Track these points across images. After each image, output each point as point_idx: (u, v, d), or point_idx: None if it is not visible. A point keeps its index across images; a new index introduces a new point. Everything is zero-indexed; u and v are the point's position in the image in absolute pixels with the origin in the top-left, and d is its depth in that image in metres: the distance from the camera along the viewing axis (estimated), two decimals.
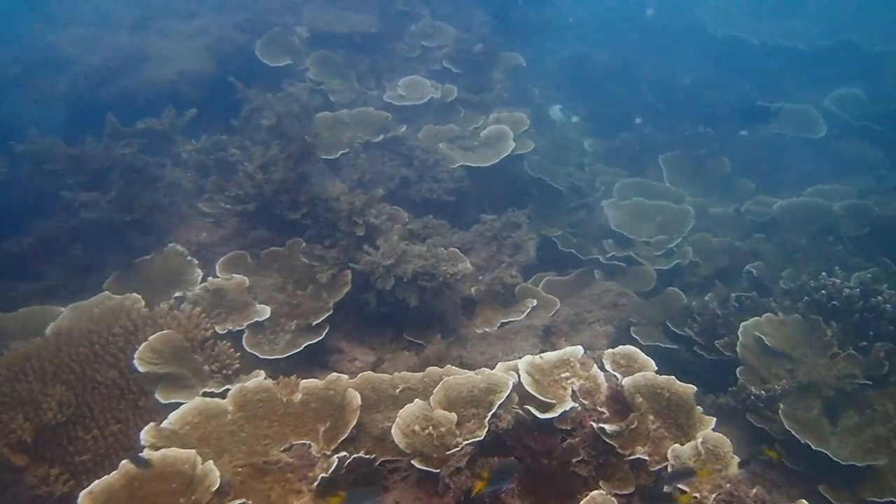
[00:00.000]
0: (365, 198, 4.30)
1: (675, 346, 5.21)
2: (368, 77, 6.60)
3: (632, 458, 2.91)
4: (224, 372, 3.87)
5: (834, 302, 4.68)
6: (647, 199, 7.17)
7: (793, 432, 4.06)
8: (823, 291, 4.74)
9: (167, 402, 3.56)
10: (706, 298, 5.34)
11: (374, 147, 5.74)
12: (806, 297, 4.80)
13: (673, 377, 3.04)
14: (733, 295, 5.26)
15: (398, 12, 6.86)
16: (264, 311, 4.19)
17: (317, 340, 4.04)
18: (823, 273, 4.96)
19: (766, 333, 4.74)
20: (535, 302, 4.42)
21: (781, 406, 4.22)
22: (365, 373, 3.37)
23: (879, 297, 4.61)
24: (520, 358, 3.20)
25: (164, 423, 2.93)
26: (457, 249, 4.76)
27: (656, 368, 3.13)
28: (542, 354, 3.23)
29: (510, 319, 4.32)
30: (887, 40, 10.56)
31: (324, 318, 4.12)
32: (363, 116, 5.96)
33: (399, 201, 5.52)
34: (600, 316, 4.33)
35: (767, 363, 4.60)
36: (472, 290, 4.45)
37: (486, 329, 4.27)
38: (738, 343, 4.70)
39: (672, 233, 6.63)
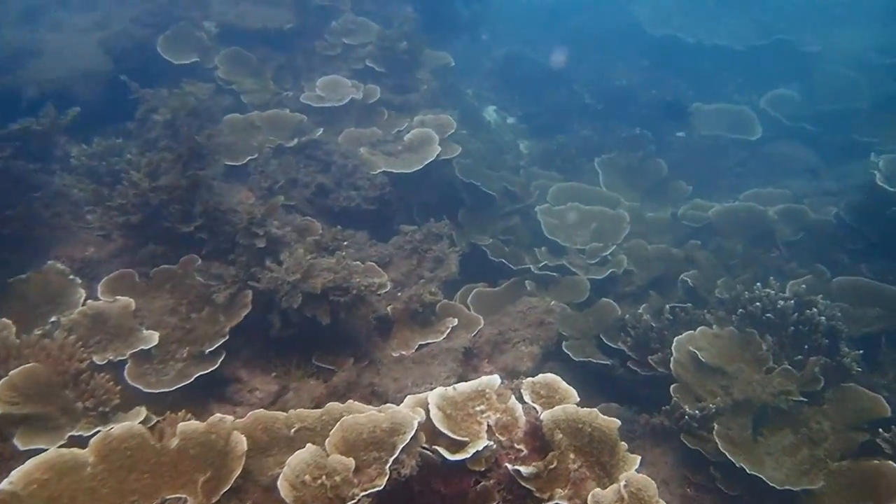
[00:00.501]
0: (266, 206, 3.92)
1: (609, 362, 5.00)
2: (284, 76, 6.21)
3: (550, 502, 2.64)
4: (100, 409, 3.45)
5: (768, 314, 4.54)
6: (582, 205, 6.99)
7: (727, 454, 3.87)
8: (758, 303, 4.60)
9: (26, 448, 3.12)
10: (640, 311, 5.15)
11: (288, 152, 5.35)
12: (740, 310, 4.65)
13: (595, 410, 2.78)
14: (668, 306, 5.09)
15: (317, 7, 6.48)
16: (152, 338, 3.78)
17: (210, 370, 3.65)
18: (758, 284, 4.82)
19: (700, 348, 4.57)
20: (455, 321, 4.13)
21: (716, 426, 4.04)
22: (256, 411, 3.00)
23: (814, 309, 4.49)
24: (433, 388, 2.89)
25: (3, 484, 2.50)
26: (374, 263, 4.43)
27: (578, 399, 2.87)
28: (456, 386, 2.93)
29: (429, 341, 4.02)
30: (819, 40, 10.71)
31: (219, 344, 3.73)
32: (276, 119, 5.57)
33: (315, 211, 5.17)
34: (526, 335, 4.08)
35: (702, 380, 4.42)
36: (389, 308, 4.12)
37: (403, 352, 3.95)
38: (672, 359, 4.51)
39: (607, 240, 6.46)
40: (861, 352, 4.34)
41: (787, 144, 8.99)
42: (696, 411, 4.11)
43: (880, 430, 3.95)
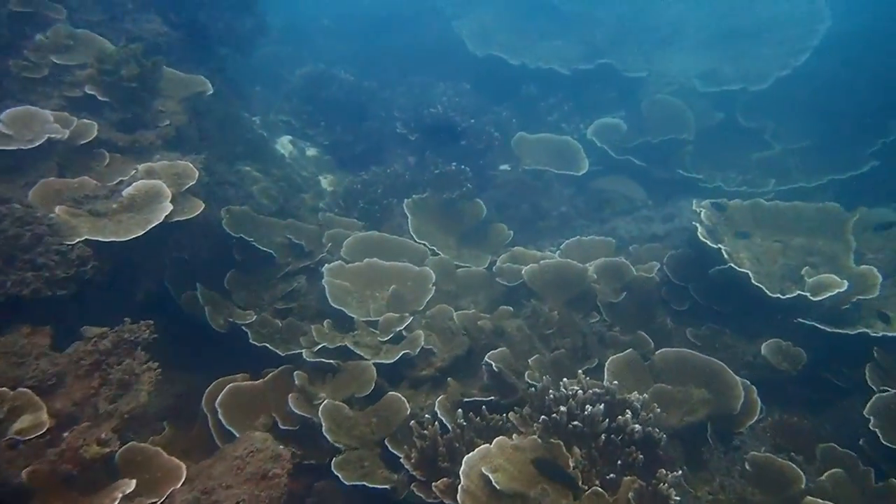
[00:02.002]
0: None
1: (389, 486, 4.02)
2: None
3: None
4: None
5: (575, 423, 3.75)
6: (382, 260, 6.03)
7: None
8: (563, 408, 3.79)
9: None
10: (426, 416, 4.23)
11: None
12: (543, 417, 3.83)
13: None
14: (459, 411, 4.19)
15: (12, 14, 5.03)
16: None
17: None
18: (564, 381, 4.03)
19: (496, 468, 3.70)
20: (132, 485, 2.94)
21: None
22: None
23: (627, 413, 3.75)
24: None
25: None
26: (28, 390, 3.15)
27: None
28: None
29: None
30: (646, 64, 10.55)
31: None
32: None
33: None
34: (242, 495, 2.98)
35: None
36: (25, 473, 2.85)
37: None
38: (460, 488, 3.60)
39: (407, 307, 5.54)
40: (680, 473, 3.65)
41: (614, 180, 8.58)
42: None
43: None
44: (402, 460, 4.08)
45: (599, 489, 3.62)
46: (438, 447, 3.98)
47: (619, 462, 3.70)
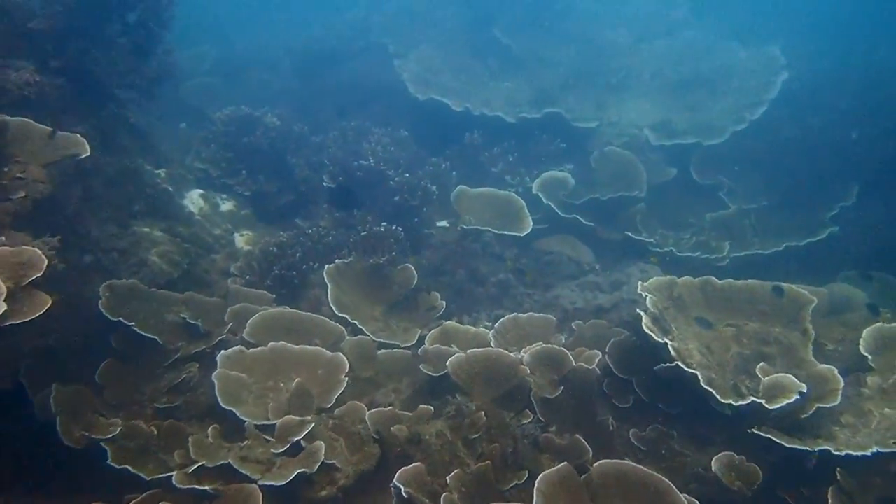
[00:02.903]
0: None
1: None
2: None
3: None
4: None
5: None
6: (291, 344, 5.36)
7: None
8: None
9: None
10: None
11: None
12: None
13: None
14: None
15: None
16: None
17: None
18: None
19: None
20: None
21: None
22: None
23: None
24: None
25: None
26: None
27: None
28: None
29: None
30: (596, 112, 10.14)
31: None
32: None
33: None
34: None
35: None
36: None
37: None
38: None
39: (312, 404, 4.87)
40: None
41: (560, 240, 8.08)
42: None
43: None
44: None
45: None
46: None
47: None
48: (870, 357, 5.19)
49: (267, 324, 5.59)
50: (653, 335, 4.93)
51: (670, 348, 4.82)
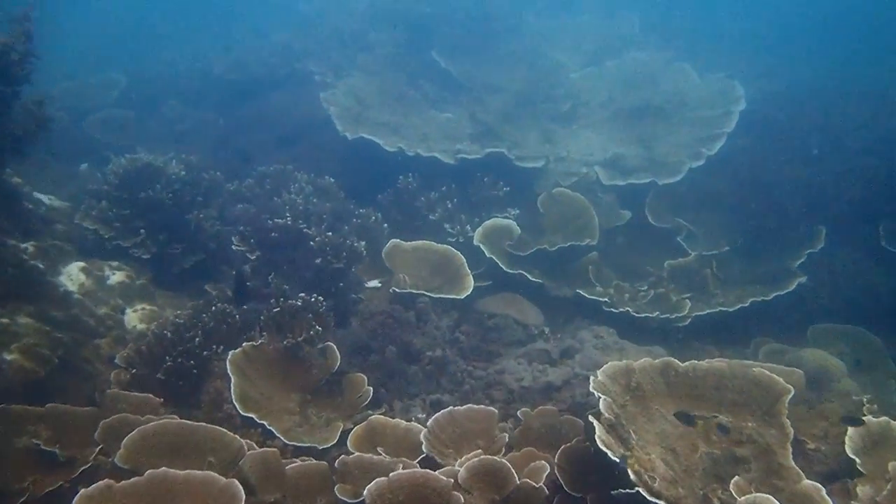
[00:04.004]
0: None
1: None
2: None
3: None
4: None
5: None
6: (176, 469, 4.45)
7: None
8: None
9: None
10: None
11: None
12: None
13: None
14: None
15: None
16: None
17: None
18: None
19: None
20: None
21: None
22: None
23: None
24: None
25: None
26: None
27: None
28: None
29: None
30: (542, 147, 9.45)
31: None
32: None
33: None
34: None
35: None
36: None
37: None
38: None
39: None
40: None
41: (505, 300, 7.36)
42: None
43: None
44: None
45: None
46: None
47: None
48: (858, 460, 4.55)
49: (148, 442, 4.67)
50: (609, 452, 4.19)
51: (630, 472, 4.08)
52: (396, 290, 7.00)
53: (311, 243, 6.75)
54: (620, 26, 13.22)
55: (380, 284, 7.42)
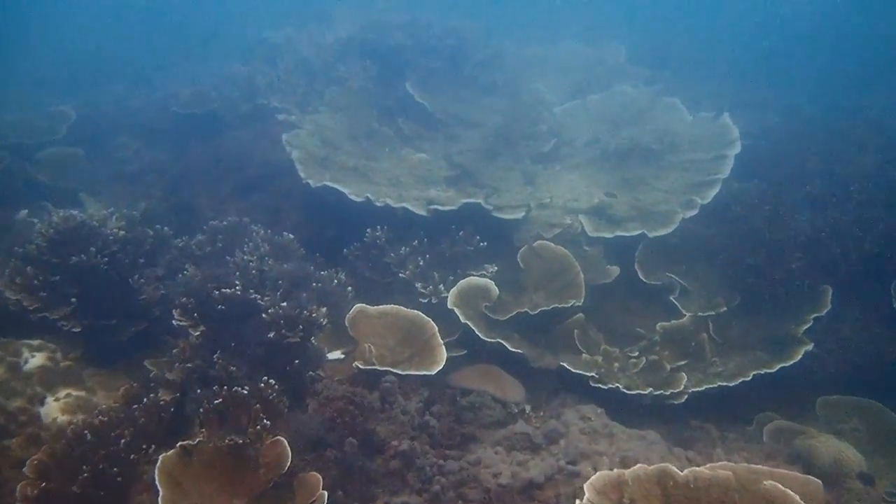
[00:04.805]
0: None
1: None
2: None
3: None
4: None
5: None
6: None
7: None
8: None
9: None
10: None
11: None
12: None
13: None
14: None
15: None
16: None
17: None
18: None
19: None
20: None
21: None
22: None
23: None
24: None
25: None
26: None
27: None
28: None
29: None
30: (521, 192, 8.77)
31: None
32: None
33: None
34: None
35: None
36: None
37: None
38: None
39: None
40: None
41: (481, 374, 6.70)
42: None
43: None
44: None
45: None
46: None
47: None
48: None
49: None
50: None
51: None
52: (360, 366, 6.30)
53: (264, 315, 6.03)
54: (606, 55, 12.67)
55: (343, 356, 6.72)
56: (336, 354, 6.74)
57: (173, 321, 6.07)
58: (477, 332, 6.82)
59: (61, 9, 20.33)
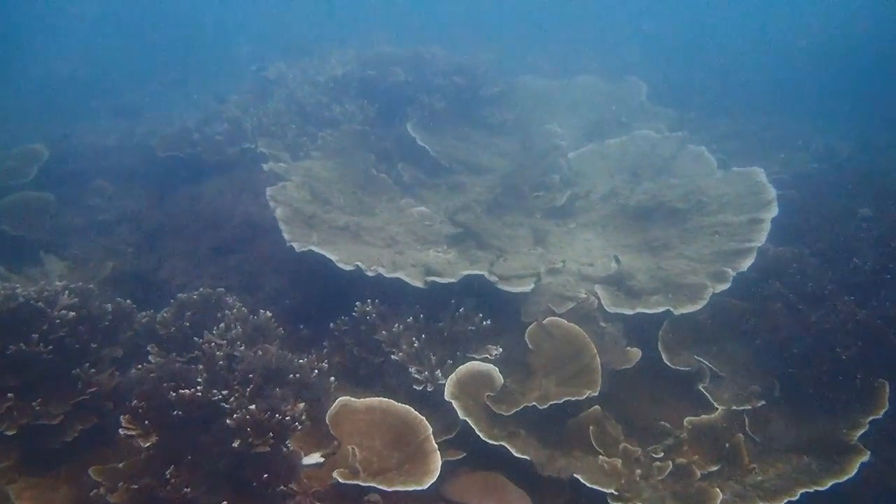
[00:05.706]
0: None
1: None
2: None
3: None
4: None
5: None
6: None
7: None
8: None
9: None
10: None
11: None
12: None
13: None
14: None
15: None
16: None
17: None
18: None
19: None
20: None
21: None
22: None
23: None
24: None
25: None
26: None
27: None
28: None
29: None
30: (530, 256, 7.95)
31: None
32: None
33: None
34: None
35: None
36: None
37: None
38: None
39: None
40: None
41: (482, 485, 5.81)
42: None
43: None
44: None
45: None
46: None
47: None
48: None
49: None
50: None
51: None
52: (339, 479, 5.45)
53: (228, 421, 5.20)
54: (625, 93, 11.84)
55: (322, 460, 5.87)
56: (314, 458, 5.89)
57: (120, 430, 5.23)
58: (478, 433, 5.97)
59: (29, 32, 19.59)
